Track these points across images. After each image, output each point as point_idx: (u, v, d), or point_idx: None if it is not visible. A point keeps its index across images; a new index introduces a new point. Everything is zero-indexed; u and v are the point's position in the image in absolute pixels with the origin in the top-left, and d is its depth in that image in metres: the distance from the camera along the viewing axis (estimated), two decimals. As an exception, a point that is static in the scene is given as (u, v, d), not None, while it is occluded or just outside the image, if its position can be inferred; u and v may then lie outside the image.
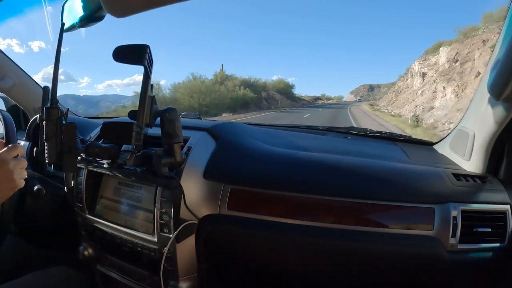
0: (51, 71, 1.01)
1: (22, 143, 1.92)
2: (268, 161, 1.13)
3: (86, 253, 1.29)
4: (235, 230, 1.07)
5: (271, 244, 1.08)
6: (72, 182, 1.26)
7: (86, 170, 1.25)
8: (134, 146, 1.15)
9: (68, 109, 1.01)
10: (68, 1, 1.14)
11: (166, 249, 1.02)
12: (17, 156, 1.07)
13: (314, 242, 1.04)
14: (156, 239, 1.06)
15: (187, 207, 1.05)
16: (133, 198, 1.15)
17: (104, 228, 1.20)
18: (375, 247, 1.03)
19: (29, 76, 2.10)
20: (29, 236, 1.54)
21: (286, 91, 67.16)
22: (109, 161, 1.13)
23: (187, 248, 1.08)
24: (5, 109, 2.23)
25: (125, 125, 0.87)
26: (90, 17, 1.03)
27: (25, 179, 1.06)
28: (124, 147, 1.14)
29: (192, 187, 1.06)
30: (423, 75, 31.40)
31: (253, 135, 1.33)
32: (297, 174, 1.09)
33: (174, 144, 0.95)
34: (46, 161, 1.02)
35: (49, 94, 1.10)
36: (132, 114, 1.03)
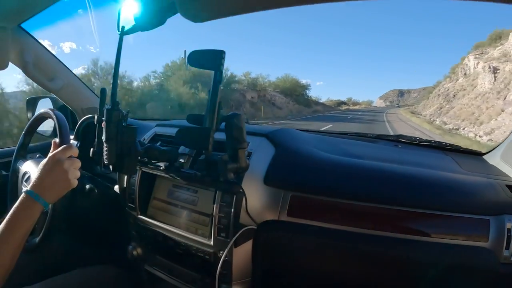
0: (82, 71, 1.02)
1: (71, 142, 1.96)
2: (328, 168, 1.13)
3: (134, 252, 1.31)
4: (293, 237, 1.07)
5: (326, 251, 1.07)
6: (125, 182, 1.29)
7: (140, 172, 1.27)
8: (190, 150, 1.17)
9: (128, 112, 1.03)
10: (125, 5, 1.16)
11: (224, 253, 1.03)
12: (71, 157, 1.10)
13: (369, 250, 1.03)
14: (212, 242, 1.06)
15: (247, 212, 1.05)
16: (188, 201, 1.16)
17: (157, 229, 1.21)
18: (427, 257, 1.01)
19: (78, 78, 2.16)
20: (77, 234, 1.57)
21: (295, 92, 50.40)
22: (167, 163, 1.15)
23: (242, 252, 1.08)
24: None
25: (201, 131, 0.88)
26: (151, 21, 1.05)
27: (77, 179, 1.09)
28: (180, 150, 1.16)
29: (252, 193, 1.06)
30: (494, 70, 23.59)
31: (308, 141, 1.33)
32: (356, 183, 1.08)
33: (239, 149, 0.95)
34: (105, 162, 1.05)
35: (105, 97, 1.13)
36: (192, 118, 1.04)
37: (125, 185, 1.32)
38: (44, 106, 2.36)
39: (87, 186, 1.34)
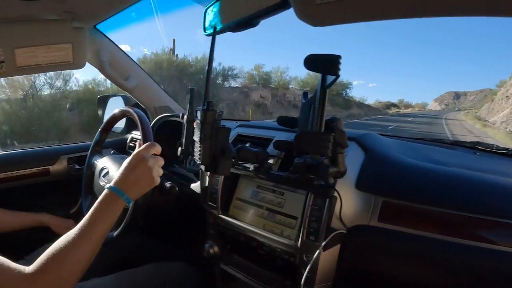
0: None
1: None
2: (418, 175, 1.11)
3: (211, 251, 1.33)
4: (383, 243, 1.06)
5: (413, 258, 1.05)
6: (207, 182, 1.31)
7: None
8: (279, 152, 1.17)
9: (222, 112, 1.04)
10: (212, 6, 1.18)
11: (314, 256, 1.02)
12: (154, 154, 1.13)
13: (460, 260, 1.00)
14: (299, 245, 1.06)
15: (340, 217, 1.05)
16: (274, 203, 1.16)
17: (238, 229, 1.22)
18: None
19: (151, 77, 2.22)
20: (150, 230, 1.61)
21: (330, 92, 39.17)
22: (256, 165, 1.16)
23: (328, 256, 1.08)
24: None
25: (319, 136, 0.87)
26: (245, 23, 1.05)
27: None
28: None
29: (344, 197, 1.05)
30: None
31: (392, 146, 1.32)
32: (447, 190, 1.06)
33: (339, 154, 0.94)
34: (198, 162, 1.06)
35: (194, 96, 1.15)
36: (283, 120, 1.05)
37: (206, 184, 1.34)
38: (114, 104, 2.45)
39: (167, 184, 1.37)
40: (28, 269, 0.91)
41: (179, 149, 1.18)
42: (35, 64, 1.90)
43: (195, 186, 1.46)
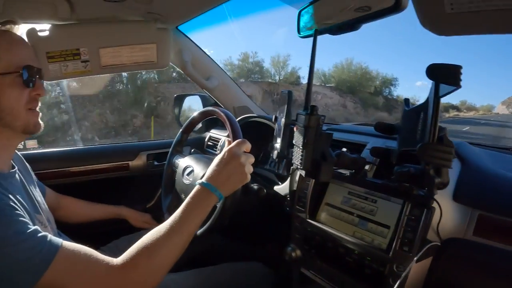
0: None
1: (223, 138, 2.05)
2: None
3: (293, 254, 1.31)
4: (478, 257, 1.01)
5: (508, 276, 0.99)
6: (296, 185, 1.30)
7: None
8: (374, 159, 1.15)
9: (324, 117, 1.02)
10: (308, 8, 1.17)
11: (407, 268, 0.99)
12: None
13: None
14: (391, 255, 1.03)
15: (437, 228, 1.02)
16: (365, 210, 1.13)
17: (326, 235, 1.21)
18: None
19: (230, 78, 2.26)
20: (230, 230, 1.62)
21: (361, 88, 31.51)
22: (352, 171, 1.15)
23: (418, 268, 1.04)
24: (202, 107, 2.41)
25: (442, 148, 0.84)
26: (348, 26, 1.04)
27: None
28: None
29: (442, 209, 1.02)
30: None
31: (484, 157, 1.26)
32: None
33: None
34: (299, 166, 1.05)
35: (291, 99, 1.14)
36: (381, 126, 1.02)
37: (295, 188, 1.33)
38: (191, 103, 2.50)
39: (255, 186, 1.37)
40: (117, 260, 0.94)
41: (275, 152, 1.19)
42: (119, 63, 1.97)
43: (279, 189, 1.45)
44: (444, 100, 0.79)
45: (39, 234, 0.88)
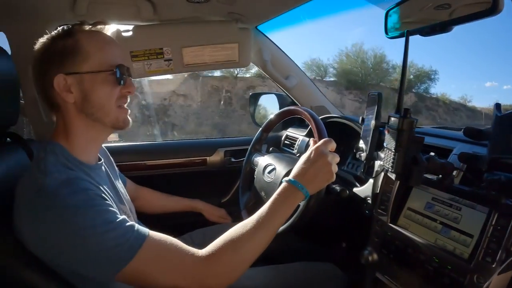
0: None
1: (301, 138, 2.05)
2: None
3: (370, 258, 1.29)
4: None
5: None
6: (378, 188, 1.28)
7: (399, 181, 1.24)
8: (462, 165, 1.11)
9: (417, 120, 1.01)
10: (396, 8, 1.15)
11: (489, 280, 0.95)
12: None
13: None
14: (472, 265, 0.99)
15: None
16: (449, 217, 1.10)
17: (407, 241, 1.18)
18: None
19: (308, 77, 2.26)
20: (304, 229, 1.62)
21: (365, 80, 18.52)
22: (439, 176, 1.12)
23: (498, 281, 0.99)
24: (278, 106, 2.42)
25: None
26: (440, 27, 1.01)
27: None
28: None
29: None
30: None
31: None
32: None
33: None
34: (390, 169, 1.05)
35: (381, 101, 1.12)
36: (470, 132, 0.99)
37: (377, 191, 1.31)
38: (265, 101, 2.52)
39: (337, 187, 1.36)
40: (202, 252, 0.97)
41: (363, 154, 1.18)
42: (201, 62, 2.04)
43: (359, 191, 1.43)
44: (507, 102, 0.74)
45: (127, 224, 0.93)
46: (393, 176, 1.06)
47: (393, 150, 1.02)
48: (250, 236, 1.00)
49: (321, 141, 1.16)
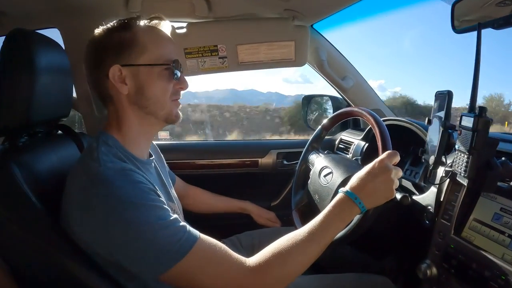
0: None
1: (356, 142, 1.99)
2: None
3: (428, 272, 1.20)
4: None
5: None
6: (443, 196, 1.20)
7: (465, 187, 1.15)
8: None
9: (492, 120, 0.93)
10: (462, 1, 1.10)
11: None
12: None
13: None
14: None
15: None
16: (518, 229, 1.01)
17: (471, 255, 1.09)
18: None
19: (364, 79, 2.24)
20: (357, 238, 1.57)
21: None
22: (510, 184, 1.04)
23: None
24: (331, 108, 2.39)
25: None
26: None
27: None
28: None
29: None
30: None
31: None
32: None
33: None
34: (462, 174, 0.99)
35: (451, 100, 1.06)
36: None
37: (442, 199, 1.22)
38: (319, 104, 2.49)
39: (398, 194, 1.27)
40: (250, 262, 0.94)
41: (431, 158, 1.10)
42: (257, 60, 2.03)
43: (419, 198, 1.35)
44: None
45: (179, 224, 0.92)
46: (464, 182, 0.98)
47: (467, 153, 0.95)
48: (300, 249, 0.97)
49: (386, 153, 1.10)
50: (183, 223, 0.93)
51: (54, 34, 1.70)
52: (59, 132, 1.34)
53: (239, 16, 1.90)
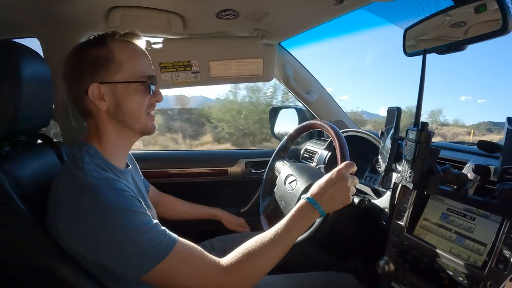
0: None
1: (320, 151, 2.10)
2: None
3: (386, 267, 1.33)
4: None
5: None
6: (396, 199, 1.33)
7: (416, 191, 1.30)
8: (475, 176, 1.16)
9: (433, 133, 1.07)
10: (414, 28, 1.21)
11: (502, 286, 0.97)
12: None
13: None
14: (485, 273, 1.03)
15: None
16: (463, 227, 1.15)
17: (423, 250, 1.23)
18: None
19: (327, 92, 2.33)
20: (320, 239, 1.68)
21: None
22: (454, 187, 1.17)
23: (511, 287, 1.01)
24: (298, 119, 2.49)
25: None
26: (455, 46, 1.08)
27: None
28: None
29: None
30: None
31: None
32: None
33: None
34: (408, 179, 1.11)
35: (400, 116, 1.19)
36: (483, 144, 1.05)
37: (395, 202, 1.37)
38: (285, 115, 2.60)
39: (356, 198, 1.39)
40: (223, 262, 1.04)
41: (383, 165, 1.23)
42: (227, 75, 2.12)
43: (378, 202, 1.48)
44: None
45: (160, 228, 1.00)
46: (410, 186, 1.11)
47: (411, 161, 1.08)
48: (267, 249, 1.06)
49: (344, 164, 1.21)
50: (163, 227, 1.00)
51: (32, 43, 1.68)
52: (39, 141, 1.36)
53: (212, 34, 1.99)
